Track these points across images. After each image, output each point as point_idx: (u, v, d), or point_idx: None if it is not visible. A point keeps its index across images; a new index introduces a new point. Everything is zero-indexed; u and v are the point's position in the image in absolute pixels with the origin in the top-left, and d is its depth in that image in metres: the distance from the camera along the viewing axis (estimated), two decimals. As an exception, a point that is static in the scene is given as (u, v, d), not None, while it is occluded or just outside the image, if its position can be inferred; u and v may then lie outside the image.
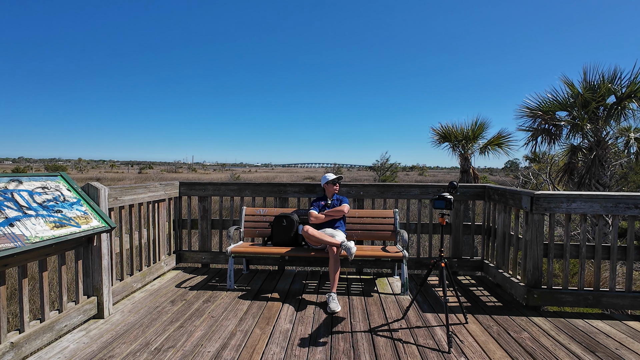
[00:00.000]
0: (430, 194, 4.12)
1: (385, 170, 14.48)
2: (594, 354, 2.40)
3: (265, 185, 4.35)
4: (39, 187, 2.49)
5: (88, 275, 2.83)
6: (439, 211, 2.79)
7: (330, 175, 3.96)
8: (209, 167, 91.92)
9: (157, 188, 3.81)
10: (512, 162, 28.12)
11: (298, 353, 2.37)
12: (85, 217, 2.61)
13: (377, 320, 2.89)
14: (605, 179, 6.28)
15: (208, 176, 39.61)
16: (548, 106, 6.88)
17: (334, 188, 3.93)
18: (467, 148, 8.12)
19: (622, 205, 3.01)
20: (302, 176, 38.79)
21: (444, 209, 2.69)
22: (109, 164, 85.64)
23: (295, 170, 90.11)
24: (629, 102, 6.07)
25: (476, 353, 2.39)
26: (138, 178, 33.14)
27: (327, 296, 3.14)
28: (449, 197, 2.69)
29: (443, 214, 2.77)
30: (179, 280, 3.85)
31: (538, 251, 3.14)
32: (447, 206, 2.67)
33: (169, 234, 4.21)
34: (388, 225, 3.92)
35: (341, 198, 3.94)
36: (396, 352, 2.40)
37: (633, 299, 3.05)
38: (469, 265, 4.16)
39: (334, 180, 3.93)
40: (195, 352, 2.36)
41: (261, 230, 4.03)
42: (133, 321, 2.83)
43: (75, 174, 36.32)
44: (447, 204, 2.67)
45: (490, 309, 3.15)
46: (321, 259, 4.20)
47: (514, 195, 3.40)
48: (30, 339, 2.27)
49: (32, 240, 2.11)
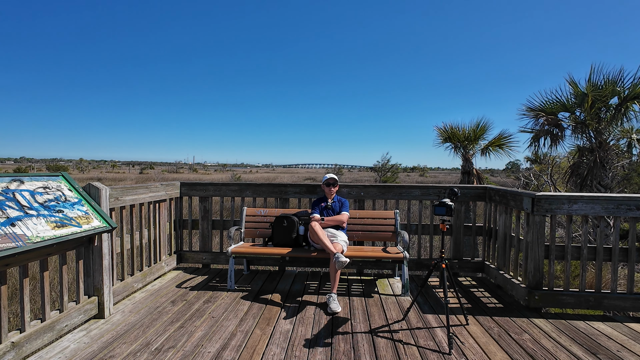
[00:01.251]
0: (431, 195, 4.12)
1: (386, 171, 14.47)
2: (595, 356, 2.39)
3: (266, 185, 4.35)
4: (40, 187, 2.49)
5: (89, 275, 2.84)
6: (439, 217, 2.80)
7: (328, 175, 3.95)
8: (210, 168, 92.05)
9: (158, 188, 3.81)
10: (513, 164, 28.06)
11: (298, 354, 2.37)
12: (87, 217, 2.61)
13: (377, 321, 2.89)
14: (606, 181, 6.26)
15: (209, 176, 39.65)
16: (551, 107, 6.87)
17: (331, 190, 3.89)
18: (469, 149, 8.10)
19: (623, 206, 3.00)
20: (303, 177, 38.81)
21: (445, 215, 2.69)
22: (111, 164, 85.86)
23: (296, 170, 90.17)
24: (632, 103, 6.06)
25: (477, 354, 2.38)
26: (139, 178, 33.19)
27: (328, 297, 3.14)
28: (450, 203, 2.69)
29: (444, 220, 2.78)
30: (180, 281, 3.85)
31: (539, 252, 3.13)
32: (448, 213, 2.68)
33: (169, 234, 4.21)
34: (389, 226, 3.91)
35: (342, 201, 3.92)
36: (397, 353, 2.39)
37: (635, 301, 3.03)
38: (469, 266, 4.15)
39: (327, 182, 3.89)
40: (196, 353, 2.36)
41: (262, 230, 4.03)
42: (133, 321, 2.83)
43: (77, 174, 36.41)
44: (448, 210, 2.68)
45: (491, 311, 3.15)
46: (322, 260, 4.20)
47: (515, 197, 3.40)
48: (31, 338, 2.28)
49: (34, 240, 2.12)
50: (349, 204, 3.98)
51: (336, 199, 3.93)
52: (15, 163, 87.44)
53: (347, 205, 3.89)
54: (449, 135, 8.22)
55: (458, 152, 8.24)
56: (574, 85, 6.52)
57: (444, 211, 2.69)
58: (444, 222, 2.77)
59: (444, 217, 2.75)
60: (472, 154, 8.11)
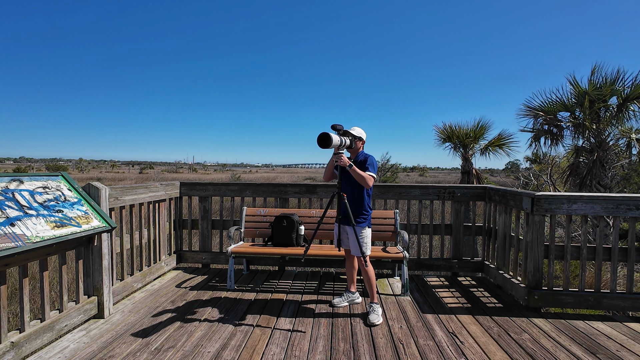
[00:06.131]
0: (431, 195, 4.12)
1: (385, 171, 14.47)
2: (594, 355, 2.40)
3: (266, 185, 4.35)
4: (40, 187, 2.49)
5: (88, 275, 2.84)
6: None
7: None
8: (210, 168, 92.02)
9: (157, 188, 3.81)
10: (513, 163, 28.06)
11: (298, 354, 2.37)
12: (86, 217, 2.61)
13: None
14: (606, 180, 6.26)
15: (209, 176, 39.63)
16: (550, 106, 6.87)
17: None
18: (469, 149, 8.11)
19: (623, 206, 3.00)
20: (302, 177, 38.79)
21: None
22: (110, 164, 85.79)
23: (296, 170, 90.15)
24: (631, 103, 6.06)
25: (477, 354, 2.39)
26: (139, 178, 33.17)
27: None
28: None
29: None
30: (179, 281, 3.85)
31: (539, 252, 3.14)
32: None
33: (169, 234, 4.21)
34: (388, 225, 3.91)
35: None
36: (396, 353, 2.39)
37: (634, 301, 3.04)
38: (469, 266, 4.15)
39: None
40: (196, 352, 2.36)
41: (262, 230, 4.03)
42: (133, 321, 2.83)
43: (76, 174, 36.38)
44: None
45: (491, 310, 3.15)
46: (322, 260, 4.21)
47: (515, 197, 3.40)
48: (31, 338, 2.27)
49: (33, 240, 2.12)
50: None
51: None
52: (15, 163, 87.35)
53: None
54: (448, 135, 8.23)
55: (458, 152, 8.25)
56: (575, 85, 6.52)
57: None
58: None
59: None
60: (471, 154, 8.12)
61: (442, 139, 8.37)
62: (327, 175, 3.03)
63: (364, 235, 2.89)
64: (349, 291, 3.25)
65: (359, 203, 2.89)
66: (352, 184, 2.86)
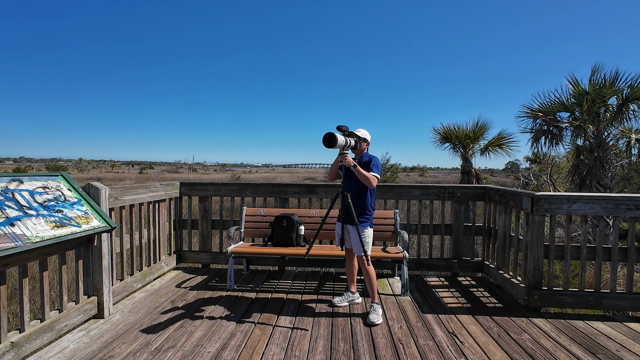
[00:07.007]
0: (431, 195, 4.13)
1: (385, 171, 14.47)
2: (594, 355, 2.40)
3: (266, 185, 4.35)
4: (39, 187, 2.49)
5: (88, 275, 2.84)
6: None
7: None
8: (210, 168, 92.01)
9: (157, 188, 3.81)
10: (512, 163, 28.06)
11: (298, 354, 2.37)
12: (86, 217, 2.61)
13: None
14: (606, 180, 6.27)
15: (209, 176, 39.63)
16: (550, 107, 6.87)
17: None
18: (468, 149, 8.11)
19: (623, 206, 3.00)
20: (302, 177, 38.79)
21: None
22: (110, 164, 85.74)
23: (296, 170, 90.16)
24: (631, 103, 6.07)
25: (476, 354, 2.39)
26: (139, 178, 33.16)
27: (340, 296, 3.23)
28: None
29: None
30: (179, 281, 3.85)
31: (539, 252, 3.14)
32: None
33: (169, 234, 4.21)
34: (388, 226, 3.91)
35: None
36: (396, 353, 2.40)
37: (634, 301, 3.04)
38: (469, 266, 4.15)
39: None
40: (195, 353, 2.36)
41: (261, 230, 4.02)
42: (133, 321, 2.83)
43: (76, 174, 36.37)
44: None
45: (491, 310, 3.15)
46: (322, 260, 4.20)
47: (515, 197, 3.40)
48: (31, 338, 2.27)
49: (33, 240, 2.12)
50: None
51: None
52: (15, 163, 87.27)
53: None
54: (447, 135, 8.23)
55: (457, 152, 8.24)
56: (575, 85, 6.52)
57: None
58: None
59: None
60: (471, 154, 8.11)
61: (441, 138, 8.38)
62: (332, 174, 3.06)
63: (366, 235, 2.90)
64: (349, 291, 3.25)
65: (362, 203, 2.91)
66: (356, 184, 2.88)
